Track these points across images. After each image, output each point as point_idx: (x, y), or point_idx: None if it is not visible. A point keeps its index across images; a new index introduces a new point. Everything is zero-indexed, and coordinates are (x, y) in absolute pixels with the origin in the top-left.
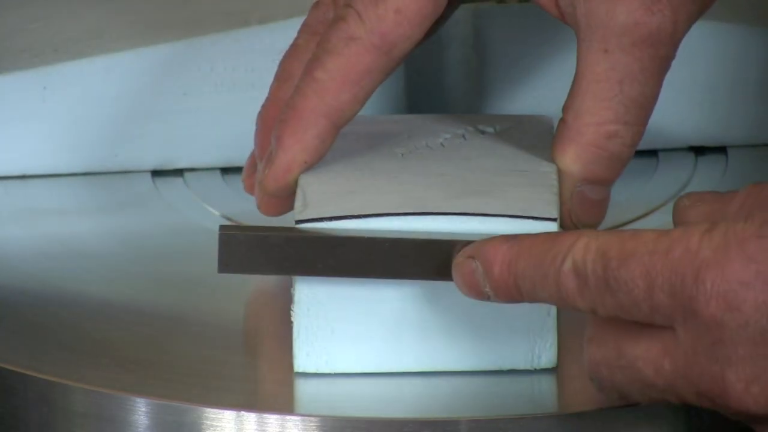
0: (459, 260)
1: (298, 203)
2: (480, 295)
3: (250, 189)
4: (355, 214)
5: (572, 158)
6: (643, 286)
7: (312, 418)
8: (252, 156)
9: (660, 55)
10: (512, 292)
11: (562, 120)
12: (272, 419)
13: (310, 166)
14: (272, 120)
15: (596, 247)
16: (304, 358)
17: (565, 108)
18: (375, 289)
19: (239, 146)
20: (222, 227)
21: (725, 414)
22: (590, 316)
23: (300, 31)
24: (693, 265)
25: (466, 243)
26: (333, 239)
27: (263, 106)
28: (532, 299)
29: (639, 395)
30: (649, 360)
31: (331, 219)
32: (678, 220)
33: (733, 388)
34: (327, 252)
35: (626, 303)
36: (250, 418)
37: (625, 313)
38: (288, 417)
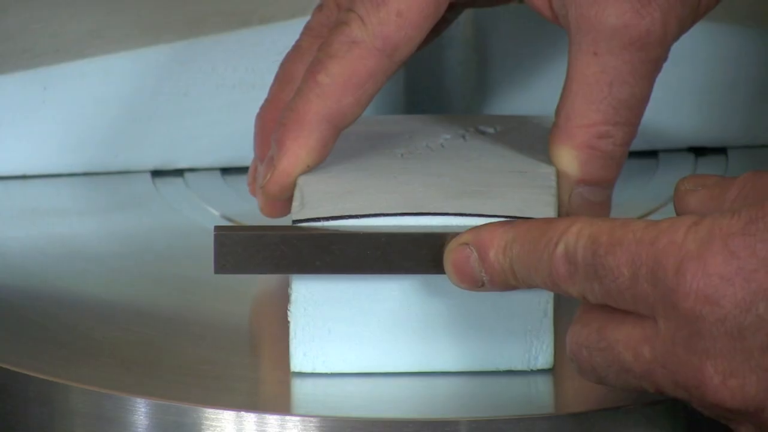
0: (452, 247)
1: (295, 203)
2: (473, 282)
3: (254, 193)
4: (353, 214)
5: (567, 159)
6: (627, 274)
7: (311, 419)
8: (254, 162)
9: (650, 58)
10: (507, 277)
11: (554, 123)
12: (272, 419)
13: (311, 169)
14: (271, 122)
15: (588, 233)
16: (300, 358)
17: (557, 111)
18: (372, 289)
19: (240, 146)
20: (217, 227)
21: (700, 408)
22: (582, 301)
23: (302, 34)
24: (676, 256)
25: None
26: (329, 236)
27: (262, 108)
28: (527, 285)
29: (615, 379)
30: (629, 345)
31: (328, 219)
32: (678, 205)
33: (710, 381)
34: (323, 249)
35: (612, 290)
36: (249, 419)
37: (612, 301)
38: (287, 417)
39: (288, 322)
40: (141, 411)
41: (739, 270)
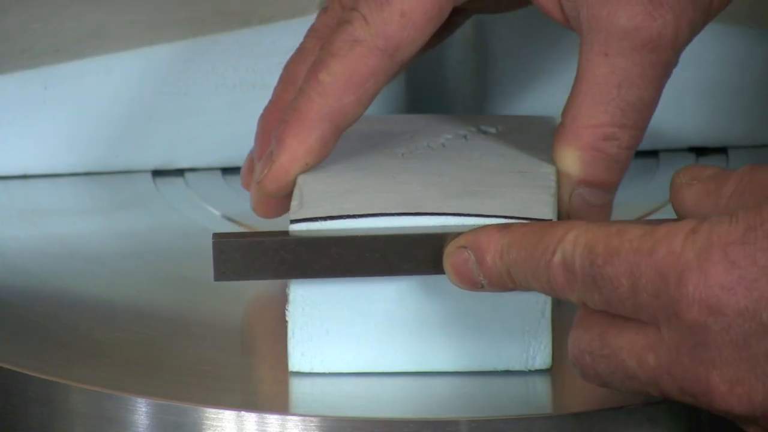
0: (450, 250)
1: (294, 202)
2: (472, 284)
3: (248, 187)
4: (351, 213)
5: (570, 160)
6: (627, 284)
7: (312, 419)
8: (251, 154)
9: (661, 61)
10: (505, 281)
11: (561, 122)
12: (272, 419)
13: (310, 168)
14: (274, 122)
15: (585, 242)
16: (298, 358)
17: (564, 110)
18: (370, 289)
19: (240, 146)
20: (215, 235)
21: (707, 410)
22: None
23: (307, 35)
24: (676, 267)
25: (459, 235)
26: (327, 240)
27: (266, 109)
28: (526, 288)
29: (620, 385)
30: (633, 352)
31: (326, 219)
32: (674, 199)
33: (717, 389)
34: (322, 253)
35: (613, 299)
36: (250, 418)
37: (612, 309)
38: (288, 417)
39: (286, 322)
40: (141, 411)
41: (740, 279)
